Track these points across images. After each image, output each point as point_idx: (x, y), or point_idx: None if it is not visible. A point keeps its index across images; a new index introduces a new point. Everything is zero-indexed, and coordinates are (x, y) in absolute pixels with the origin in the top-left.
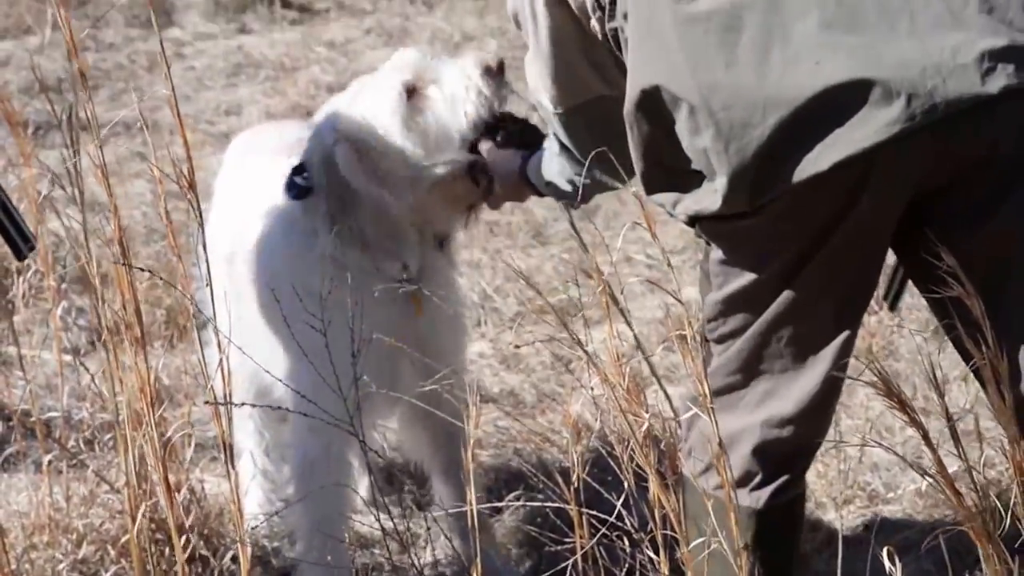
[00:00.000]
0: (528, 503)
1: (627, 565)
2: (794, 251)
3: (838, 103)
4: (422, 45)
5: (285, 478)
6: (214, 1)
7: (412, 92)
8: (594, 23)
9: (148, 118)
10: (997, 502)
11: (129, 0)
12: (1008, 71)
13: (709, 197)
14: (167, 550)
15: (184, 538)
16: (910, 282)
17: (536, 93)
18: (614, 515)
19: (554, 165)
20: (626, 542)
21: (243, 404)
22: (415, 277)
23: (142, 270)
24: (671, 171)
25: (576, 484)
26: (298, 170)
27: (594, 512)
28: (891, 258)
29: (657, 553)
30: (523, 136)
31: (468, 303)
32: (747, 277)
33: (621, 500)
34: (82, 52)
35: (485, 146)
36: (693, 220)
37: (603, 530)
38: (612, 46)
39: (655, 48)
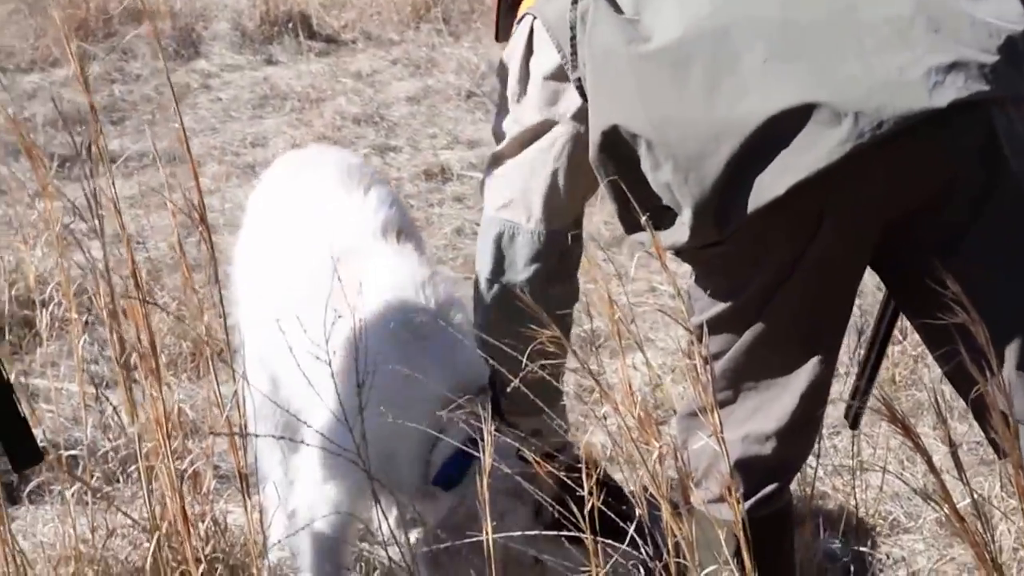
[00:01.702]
0: (544, 532)
1: None
2: (765, 279)
3: (787, 129)
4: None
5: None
6: (241, 32)
7: None
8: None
9: (175, 150)
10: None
11: (156, 32)
12: (957, 84)
13: (679, 231)
14: None
15: (204, 568)
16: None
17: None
18: (627, 543)
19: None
20: (641, 571)
21: (255, 435)
22: None
23: (155, 304)
24: (643, 210)
25: (591, 513)
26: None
27: (609, 541)
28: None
29: None
30: None
31: None
32: (722, 304)
33: (634, 528)
34: (109, 84)
35: None
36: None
37: (616, 557)
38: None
39: (611, 90)
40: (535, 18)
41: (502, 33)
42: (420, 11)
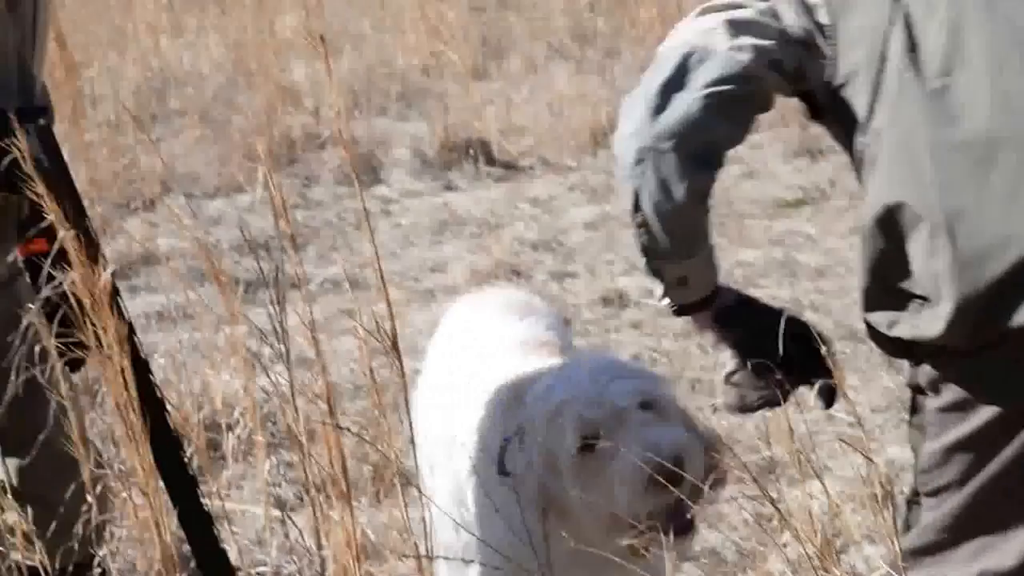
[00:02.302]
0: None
1: None
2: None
3: None
4: None
5: None
6: (420, 159)
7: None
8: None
9: (356, 275)
10: None
11: (338, 159)
12: None
13: (930, 323)
14: None
15: None
16: None
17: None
18: None
19: None
20: None
21: (443, 557)
22: None
23: (347, 430)
24: (893, 291)
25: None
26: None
27: None
28: None
29: None
30: None
31: None
32: (970, 424)
33: None
34: (291, 209)
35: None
36: (906, 350)
37: None
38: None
39: (906, 167)
40: None
41: None
42: (598, 137)
